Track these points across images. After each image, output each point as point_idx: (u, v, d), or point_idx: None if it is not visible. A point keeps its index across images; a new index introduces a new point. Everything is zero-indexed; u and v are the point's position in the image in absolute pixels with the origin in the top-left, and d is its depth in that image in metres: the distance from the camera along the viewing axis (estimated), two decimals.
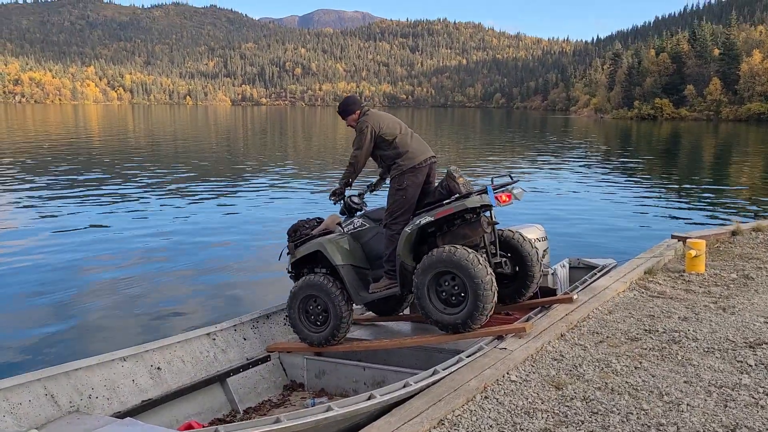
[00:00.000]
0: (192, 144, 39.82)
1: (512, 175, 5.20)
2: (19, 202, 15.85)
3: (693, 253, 6.73)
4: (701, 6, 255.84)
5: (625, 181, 22.38)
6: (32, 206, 15.23)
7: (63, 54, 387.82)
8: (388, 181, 5.40)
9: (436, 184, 5.25)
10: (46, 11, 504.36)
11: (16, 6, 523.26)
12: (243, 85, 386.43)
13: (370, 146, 5.22)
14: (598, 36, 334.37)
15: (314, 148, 38.99)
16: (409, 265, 5.01)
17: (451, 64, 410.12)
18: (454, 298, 4.81)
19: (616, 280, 6.33)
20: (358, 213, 5.68)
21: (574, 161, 30.27)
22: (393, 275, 5.18)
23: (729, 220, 12.43)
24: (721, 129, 71.63)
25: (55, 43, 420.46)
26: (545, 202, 16.87)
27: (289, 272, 5.73)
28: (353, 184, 5.54)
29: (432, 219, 4.90)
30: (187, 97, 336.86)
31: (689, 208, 16.33)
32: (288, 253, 5.62)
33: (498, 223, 5.16)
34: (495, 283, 4.70)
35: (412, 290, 4.97)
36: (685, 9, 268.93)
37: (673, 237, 8.35)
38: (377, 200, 5.77)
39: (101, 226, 13.07)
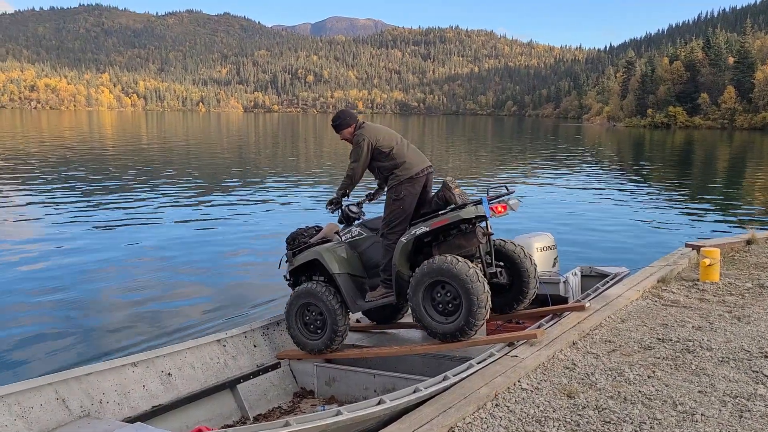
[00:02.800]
0: (204, 151, 40.05)
1: (508, 186, 5.23)
2: (32, 207, 15.98)
3: (707, 261, 6.66)
4: (716, 14, 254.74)
5: (638, 189, 22.26)
6: (44, 211, 15.34)
7: (78, 61, 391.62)
8: (385, 190, 5.42)
9: (433, 194, 5.27)
10: (61, 18, 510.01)
11: (32, 13, 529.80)
12: (255, 92, 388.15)
13: (367, 159, 5.26)
14: (610, 44, 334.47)
15: (325, 155, 39.09)
16: (405, 275, 5.05)
17: (463, 71, 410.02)
18: (450, 305, 4.84)
19: (629, 289, 6.28)
20: (356, 222, 5.71)
21: (586, 169, 30.16)
22: (389, 284, 5.21)
23: (744, 228, 12.30)
24: (735, 137, 71.16)
25: (70, 50, 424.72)
26: (558, 210, 16.80)
27: (287, 280, 5.76)
28: (350, 195, 5.57)
29: (428, 229, 4.95)
30: (200, 103, 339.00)
31: (703, 217, 16.20)
32: (286, 261, 5.66)
33: (493, 234, 5.19)
34: (488, 291, 4.72)
35: (408, 299, 5.01)
36: (699, 17, 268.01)
37: (686, 246, 8.29)
38: (376, 209, 5.79)
39: (113, 232, 13.14)
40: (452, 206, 4.95)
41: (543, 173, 27.71)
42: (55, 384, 4.29)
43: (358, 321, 6.38)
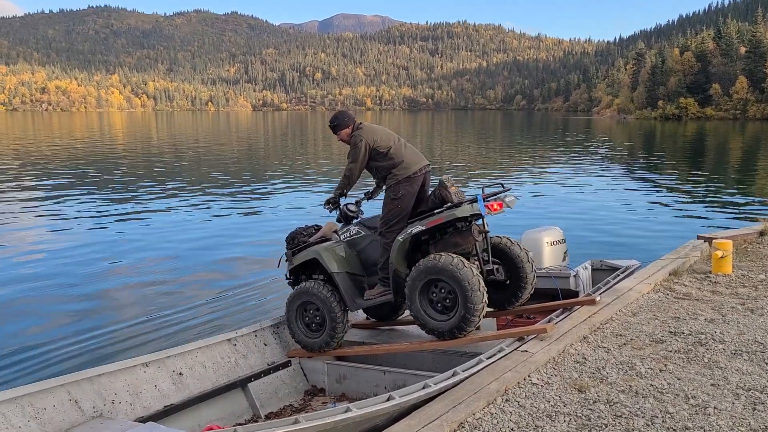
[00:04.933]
0: (214, 151, 40.19)
1: (504, 183, 5.24)
2: (44, 208, 16.09)
3: (719, 253, 6.60)
4: (726, 3, 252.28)
5: (649, 181, 22.11)
6: (55, 212, 15.44)
7: (88, 62, 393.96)
8: (384, 189, 5.44)
9: (430, 193, 5.29)
10: (71, 21, 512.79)
11: (42, 16, 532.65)
12: (264, 91, 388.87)
13: (365, 159, 5.29)
14: (620, 36, 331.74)
15: (334, 153, 39.08)
16: (403, 273, 5.09)
17: (471, 66, 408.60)
18: (447, 300, 4.87)
19: (641, 282, 6.23)
20: (355, 221, 5.74)
21: (596, 162, 30.00)
22: (387, 283, 5.25)
23: (756, 219, 12.19)
24: (747, 128, 70.54)
25: (80, 52, 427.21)
26: (568, 204, 16.73)
27: (287, 279, 5.81)
28: (348, 194, 5.61)
29: (424, 228, 4.98)
30: (209, 103, 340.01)
31: (715, 209, 16.07)
32: (286, 260, 5.70)
33: (489, 231, 5.19)
34: (484, 288, 4.73)
35: (408, 307, 5.05)
36: (709, 7, 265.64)
37: (698, 238, 8.21)
38: (375, 209, 5.80)
39: (123, 232, 13.21)
40: (448, 205, 4.98)
41: (552, 167, 27.59)
42: (68, 385, 4.32)
43: (367, 318, 6.39)
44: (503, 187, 5.15)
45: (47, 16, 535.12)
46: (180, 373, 5.00)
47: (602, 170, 25.94)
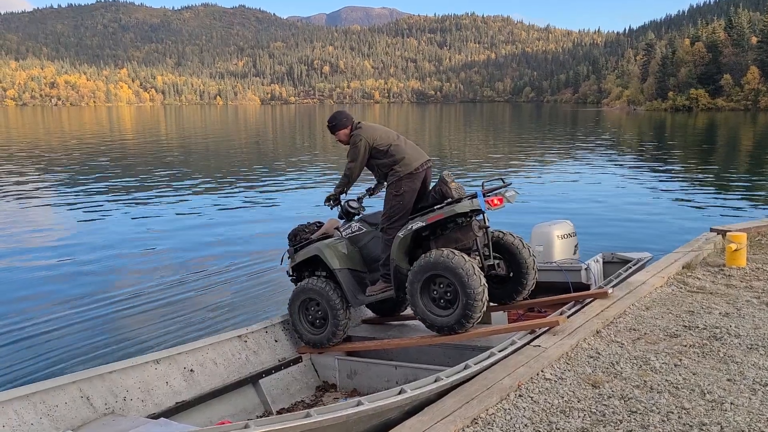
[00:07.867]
0: (222, 146, 40.24)
1: (504, 178, 5.22)
2: (51, 204, 16.16)
3: (733, 246, 6.53)
4: None
5: (661, 173, 21.96)
6: (66, 207, 15.50)
7: (97, 57, 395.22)
8: (385, 185, 5.43)
9: (430, 188, 5.29)
10: (79, 15, 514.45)
11: (51, 11, 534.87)
12: (272, 84, 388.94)
13: (364, 159, 5.29)
14: (630, 26, 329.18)
15: (340, 148, 39.12)
16: (404, 269, 5.09)
17: (479, 58, 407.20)
18: (449, 294, 4.87)
19: (653, 275, 6.16)
20: (356, 217, 5.75)
21: (606, 155, 29.83)
22: (389, 279, 5.26)
23: None
24: (759, 119, 69.92)
25: (89, 47, 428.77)
26: (579, 196, 16.64)
27: (289, 275, 5.85)
28: (349, 191, 5.63)
29: (424, 224, 4.98)
30: (218, 97, 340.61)
31: (728, 201, 15.94)
32: (288, 257, 5.74)
33: (489, 227, 5.20)
34: (480, 273, 4.73)
35: (412, 306, 5.05)
36: None
37: (712, 230, 8.13)
38: (376, 205, 5.79)
39: (131, 228, 13.24)
40: (448, 200, 4.98)
41: (562, 160, 27.47)
42: (80, 382, 4.33)
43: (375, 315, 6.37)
44: (503, 182, 5.14)
45: (56, 11, 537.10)
46: (191, 370, 5.00)
47: (613, 162, 25.79)
